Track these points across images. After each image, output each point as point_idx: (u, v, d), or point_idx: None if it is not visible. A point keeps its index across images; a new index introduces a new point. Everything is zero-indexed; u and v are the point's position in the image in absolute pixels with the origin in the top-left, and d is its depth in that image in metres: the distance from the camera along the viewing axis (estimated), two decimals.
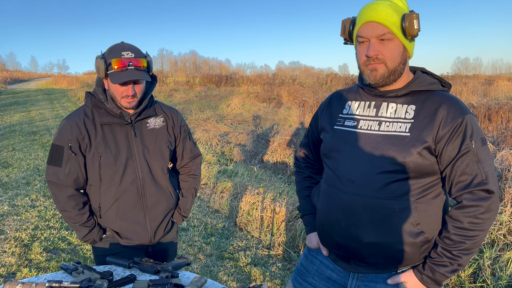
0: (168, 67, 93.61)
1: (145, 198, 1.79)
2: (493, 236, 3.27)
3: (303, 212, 1.64)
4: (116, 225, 1.80)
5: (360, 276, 1.41)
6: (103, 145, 1.72)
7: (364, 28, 1.28)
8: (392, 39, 1.26)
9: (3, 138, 9.40)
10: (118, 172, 1.74)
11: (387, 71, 1.28)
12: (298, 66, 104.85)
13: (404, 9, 1.28)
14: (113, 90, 1.69)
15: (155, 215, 1.83)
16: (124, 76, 1.61)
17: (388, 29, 1.25)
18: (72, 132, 1.71)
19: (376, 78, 1.29)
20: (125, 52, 1.64)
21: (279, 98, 14.69)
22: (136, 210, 1.79)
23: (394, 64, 1.28)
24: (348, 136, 1.37)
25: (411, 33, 1.25)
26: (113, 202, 1.76)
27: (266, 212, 4.19)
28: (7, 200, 5.09)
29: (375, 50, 1.26)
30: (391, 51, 1.26)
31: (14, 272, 3.28)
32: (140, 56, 1.68)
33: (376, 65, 1.28)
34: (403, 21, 1.24)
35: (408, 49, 1.30)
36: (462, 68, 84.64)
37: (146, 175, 1.78)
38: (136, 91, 1.69)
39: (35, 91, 25.42)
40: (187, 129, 2.01)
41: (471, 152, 1.22)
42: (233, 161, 6.92)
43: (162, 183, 1.84)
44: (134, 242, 1.82)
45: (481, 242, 1.24)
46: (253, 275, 3.34)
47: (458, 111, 1.24)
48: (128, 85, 1.66)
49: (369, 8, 1.28)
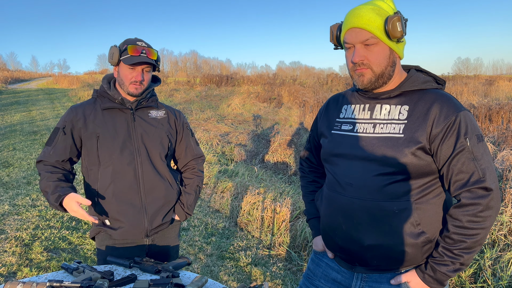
0: (169, 67, 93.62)
1: (142, 181, 1.83)
2: (493, 236, 3.26)
3: (308, 216, 1.66)
4: (113, 208, 1.81)
5: (364, 277, 1.41)
6: (102, 127, 1.82)
7: (348, 34, 1.29)
8: (376, 43, 1.26)
9: (3, 137, 9.41)
10: (115, 153, 1.80)
11: (374, 75, 1.28)
12: (298, 66, 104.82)
13: (389, 11, 1.27)
14: (123, 75, 1.81)
15: (152, 200, 1.84)
16: (137, 58, 1.77)
17: (372, 34, 1.25)
18: (70, 115, 1.84)
19: (363, 83, 1.30)
20: (140, 42, 1.81)
21: (280, 98, 14.69)
22: (132, 193, 1.81)
23: (380, 68, 1.28)
24: (345, 140, 1.38)
25: (395, 36, 1.24)
26: (109, 183, 1.80)
27: (267, 212, 4.19)
28: (8, 199, 5.09)
29: (360, 55, 1.27)
30: (376, 56, 1.27)
31: (14, 272, 3.28)
32: (152, 48, 1.84)
33: (363, 71, 1.29)
34: (385, 24, 1.23)
35: (396, 50, 1.29)
36: (462, 68, 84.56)
37: (144, 159, 1.83)
38: (144, 78, 1.82)
39: (36, 91, 25.43)
40: (189, 127, 2.06)
41: (466, 150, 1.21)
42: (234, 161, 6.92)
43: (161, 169, 1.88)
44: (129, 230, 1.82)
45: (483, 241, 1.24)
46: (254, 275, 3.34)
47: (451, 109, 1.24)
48: (136, 69, 1.79)
49: (352, 13, 1.28)
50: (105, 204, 1.82)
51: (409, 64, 1.41)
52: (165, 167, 1.90)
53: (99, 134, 1.81)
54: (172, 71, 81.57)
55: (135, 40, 1.81)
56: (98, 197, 1.82)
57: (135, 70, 1.79)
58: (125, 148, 1.81)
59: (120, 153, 1.80)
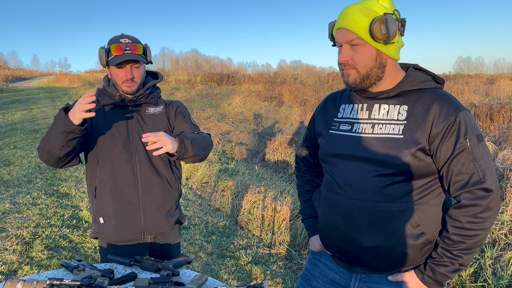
0: (170, 66, 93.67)
1: (140, 179, 1.82)
2: (494, 235, 3.26)
3: (304, 216, 1.64)
4: (111, 206, 1.81)
5: (362, 277, 1.40)
6: (101, 124, 1.83)
7: (337, 34, 1.30)
8: (362, 44, 1.25)
9: (4, 136, 9.42)
10: (114, 149, 1.81)
11: (359, 76, 1.28)
12: (299, 65, 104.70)
13: (379, 12, 1.23)
14: (114, 76, 1.81)
15: (149, 198, 1.84)
16: (121, 57, 1.74)
17: (356, 35, 1.24)
18: None
19: (348, 83, 1.31)
20: (123, 39, 1.78)
21: (281, 97, 14.67)
22: (130, 191, 1.82)
23: (365, 69, 1.27)
24: (343, 141, 1.36)
25: (378, 38, 1.21)
26: (108, 180, 1.81)
27: (267, 211, 4.19)
28: (9, 198, 5.10)
29: (345, 56, 1.27)
30: (361, 56, 1.26)
31: (15, 270, 3.29)
32: (137, 43, 1.80)
33: (348, 71, 1.29)
34: (370, 26, 1.22)
35: (384, 52, 1.26)
36: (464, 68, 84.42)
37: (142, 156, 1.84)
38: (134, 75, 1.80)
39: (37, 89, 25.45)
40: (184, 111, 1.96)
41: (466, 151, 1.20)
42: (234, 159, 6.92)
43: (159, 167, 1.87)
44: (124, 228, 1.82)
45: (482, 241, 1.23)
46: (254, 274, 3.34)
47: (450, 109, 1.22)
48: (125, 68, 1.77)
49: (342, 13, 1.29)
50: (103, 201, 1.83)
51: (407, 62, 1.39)
52: (164, 165, 1.89)
53: (98, 131, 1.82)
54: (173, 70, 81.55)
55: (119, 37, 1.79)
56: (96, 193, 1.83)
57: (124, 69, 1.78)
58: (124, 145, 1.82)
59: (118, 150, 1.81)
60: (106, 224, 1.85)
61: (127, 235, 1.84)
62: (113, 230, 1.83)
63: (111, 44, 1.76)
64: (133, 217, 1.83)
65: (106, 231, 1.85)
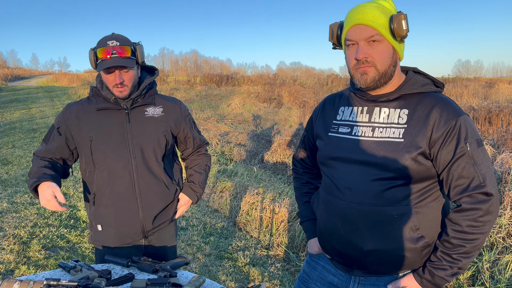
0: (169, 66, 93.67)
1: (138, 185, 1.79)
2: (492, 239, 3.26)
3: (302, 218, 1.63)
4: (109, 213, 1.79)
5: (361, 280, 1.40)
6: (95, 129, 1.77)
7: (352, 31, 1.26)
8: (381, 41, 1.24)
9: (3, 135, 9.40)
10: (109, 156, 1.76)
11: (378, 74, 1.25)
12: (299, 67, 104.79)
13: (392, 10, 1.26)
14: (104, 80, 1.75)
15: (148, 204, 1.82)
16: (107, 63, 1.66)
17: (377, 31, 1.23)
18: (65, 115, 1.81)
19: (367, 81, 1.27)
20: (110, 42, 1.69)
21: (280, 98, 14.68)
22: (128, 196, 1.78)
23: (384, 67, 1.25)
24: (342, 143, 1.35)
25: (400, 34, 1.22)
26: (106, 187, 1.78)
27: (266, 212, 4.19)
28: (6, 197, 5.08)
29: (364, 52, 1.24)
30: (380, 53, 1.24)
31: (12, 270, 3.28)
32: (125, 45, 1.71)
33: (366, 68, 1.25)
34: (391, 22, 1.22)
35: (398, 50, 1.27)
36: (463, 71, 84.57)
37: (139, 161, 1.78)
38: (124, 79, 1.71)
39: (36, 89, 25.40)
40: (191, 118, 1.99)
41: (466, 155, 1.20)
42: (233, 161, 6.91)
43: (156, 171, 1.83)
44: (123, 235, 1.81)
45: (481, 245, 1.23)
46: (252, 275, 3.33)
47: (451, 114, 1.22)
48: (114, 73, 1.70)
49: (356, 10, 1.26)
50: (102, 209, 1.80)
51: (407, 66, 1.39)
52: (161, 169, 1.84)
53: (92, 137, 1.76)
54: (173, 70, 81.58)
55: (107, 39, 1.70)
56: (94, 200, 1.80)
57: (112, 74, 1.70)
58: (119, 150, 1.76)
59: (114, 156, 1.76)
60: (105, 231, 1.83)
61: (126, 239, 1.83)
62: (112, 237, 1.82)
63: (98, 48, 1.69)
64: (132, 223, 1.81)
65: (105, 238, 1.83)
